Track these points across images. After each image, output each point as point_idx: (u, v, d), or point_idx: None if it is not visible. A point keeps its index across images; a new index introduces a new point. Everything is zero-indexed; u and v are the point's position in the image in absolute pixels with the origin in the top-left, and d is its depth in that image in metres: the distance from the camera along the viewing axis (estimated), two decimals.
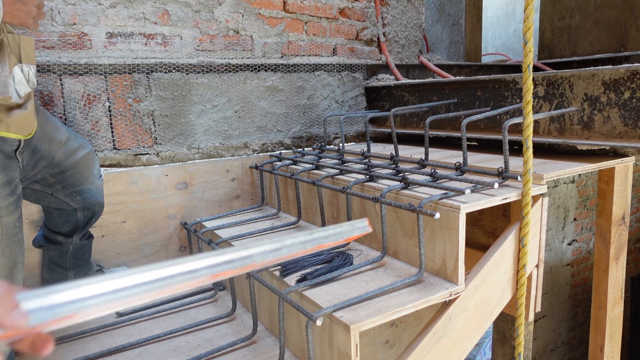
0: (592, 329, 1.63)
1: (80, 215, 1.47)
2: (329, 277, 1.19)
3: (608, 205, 1.51)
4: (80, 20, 1.68)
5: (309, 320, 1.01)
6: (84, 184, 1.45)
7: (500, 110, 1.49)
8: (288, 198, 1.86)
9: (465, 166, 1.40)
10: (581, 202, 3.41)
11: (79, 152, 1.41)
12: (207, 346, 1.31)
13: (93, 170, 1.48)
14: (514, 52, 5.74)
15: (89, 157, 1.45)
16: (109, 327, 1.44)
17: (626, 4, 2.84)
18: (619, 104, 1.35)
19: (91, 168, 1.47)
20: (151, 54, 1.83)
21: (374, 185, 1.41)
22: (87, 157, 1.44)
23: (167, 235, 1.86)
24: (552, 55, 3.32)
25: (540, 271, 1.34)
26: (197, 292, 1.66)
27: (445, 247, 1.16)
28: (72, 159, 1.39)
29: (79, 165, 1.42)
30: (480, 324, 1.22)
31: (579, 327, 3.66)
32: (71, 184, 1.41)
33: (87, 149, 1.45)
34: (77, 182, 1.43)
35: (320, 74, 2.26)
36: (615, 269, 1.55)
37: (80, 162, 1.42)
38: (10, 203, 1.04)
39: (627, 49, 2.86)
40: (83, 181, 1.44)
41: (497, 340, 2.32)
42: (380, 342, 1.39)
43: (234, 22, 2.00)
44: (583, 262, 3.57)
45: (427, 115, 2.04)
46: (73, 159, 1.39)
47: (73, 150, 1.39)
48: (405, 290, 1.12)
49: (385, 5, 2.48)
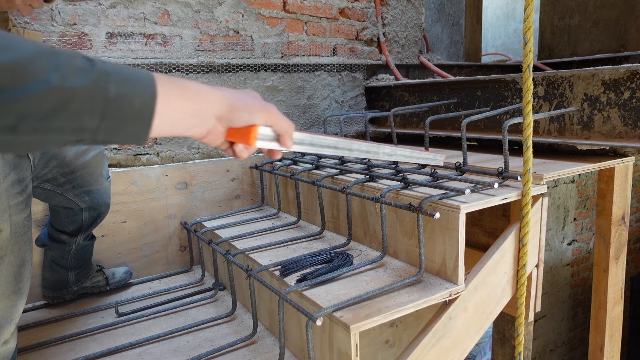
0: (592, 328, 1.63)
1: (86, 215, 1.48)
2: (329, 277, 1.19)
3: (608, 205, 1.51)
4: (80, 20, 1.68)
5: (309, 320, 1.01)
6: (93, 185, 1.45)
7: (500, 110, 1.49)
8: (288, 198, 1.86)
9: (465, 166, 1.40)
10: (581, 202, 3.42)
11: (90, 152, 1.42)
12: (207, 346, 1.31)
13: (102, 171, 1.49)
14: (514, 52, 5.74)
15: (98, 158, 1.46)
16: (109, 327, 1.44)
17: (626, 4, 2.84)
18: (618, 104, 1.35)
19: (100, 169, 1.48)
20: (151, 54, 1.83)
21: (374, 185, 1.41)
22: (97, 157, 1.45)
23: (167, 235, 1.86)
24: (552, 55, 3.32)
25: (540, 271, 1.35)
26: (197, 292, 1.66)
27: (445, 247, 1.16)
28: (83, 159, 1.40)
29: (89, 166, 1.42)
30: (480, 324, 1.22)
31: (579, 327, 3.66)
32: (81, 184, 1.42)
33: (97, 149, 1.45)
34: (87, 183, 1.43)
35: (320, 74, 2.26)
36: (615, 268, 1.55)
37: (90, 163, 1.42)
38: (19, 202, 1.04)
39: (627, 49, 2.86)
40: (92, 182, 1.45)
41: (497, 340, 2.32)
42: (380, 342, 1.39)
43: (234, 22, 2.00)
44: (583, 262, 3.57)
45: (427, 115, 2.04)
46: (83, 159, 1.40)
47: (83, 151, 1.40)
48: (405, 290, 1.12)
49: (385, 5, 2.48)
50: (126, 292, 1.70)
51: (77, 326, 1.46)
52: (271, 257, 1.40)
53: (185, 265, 1.92)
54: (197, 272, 1.86)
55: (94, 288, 1.65)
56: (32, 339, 1.39)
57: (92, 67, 0.44)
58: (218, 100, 0.56)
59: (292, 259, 1.31)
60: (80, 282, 1.61)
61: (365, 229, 1.45)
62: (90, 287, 1.64)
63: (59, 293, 1.59)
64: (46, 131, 0.43)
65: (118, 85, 0.45)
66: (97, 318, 1.51)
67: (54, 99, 0.42)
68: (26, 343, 1.36)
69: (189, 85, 0.53)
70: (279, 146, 0.64)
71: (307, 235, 1.57)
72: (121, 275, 1.70)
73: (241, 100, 0.58)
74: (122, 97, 0.45)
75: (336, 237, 1.55)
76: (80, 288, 1.62)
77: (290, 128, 0.63)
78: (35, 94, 0.41)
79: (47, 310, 1.58)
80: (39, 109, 0.42)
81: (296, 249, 1.46)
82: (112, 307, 1.56)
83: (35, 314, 1.54)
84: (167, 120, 0.50)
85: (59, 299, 1.60)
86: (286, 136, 0.63)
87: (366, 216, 1.43)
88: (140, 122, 0.48)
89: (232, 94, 0.59)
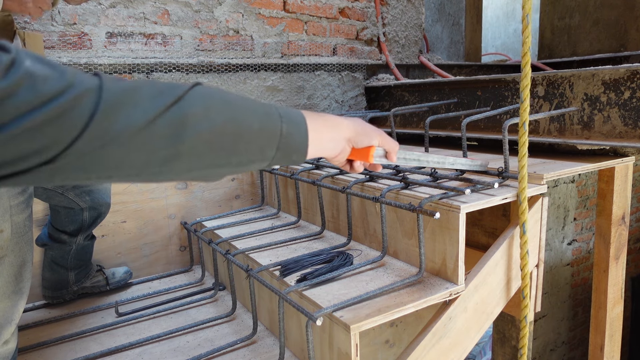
0: (592, 328, 1.63)
1: (86, 215, 1.48)
2: (329, 277, 1.19)
3: (608, 205, 1.51)
4: (80, 20, 1.68)
5: (309, 320, 1.01)
6: (94, 184, 1.45)
7: (500, 110, 1.49)
8: (288, 198, 1.86)
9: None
10: (581, 202, 3.41)
11: None
12: (207, 346, 1.31)
13: None
14: (514, 52, 5.74)
15: None
16: (109, 327, 1.44)
17: (626, 4, 2.84)
18: (619, 104, 1.35)
19: None
20: (151, 53, 1.83)
21: (374, 185, 1.41)
22: None
23: (167, 235, 1.86)
24: (552, 55, 3.32)
25: (540, 271, 1.34)
26: (197, 292, 1.66)
27: (445, 247, 1.16)
28: None
29: None
30: (480, 324, 1.22)
31: (579, 326, 3.66)
32: (81, 184, 1.42)
33: None
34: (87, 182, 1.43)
35: (320, 74, 2.26)
36: (615, 268, 1.55)
37: None
38: (20, 202, 1.04)
39: (627, 48, 2.86)
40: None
41: (497, 340, 2.32)
42: (380, 342, 1.39)
43: (234, 22, 2.00)
44: (583, 262, 3.57)
45: (427, 115, 2.04)
46: None
47: None
48: (405, 290, 1.12)
49: (385, 5, 2.48)
50: (126, 292, 1.70)
51: (77, 326, 1.46)
52: (271, 257, 1.40)
53: (185, 265, 1.92)
54: (197, 272, 1.86)
55: (94, 288, 1.65)
56: (32, 339, 1.39)
57: (272, 112, 0.59)
58: (347, 127, 0.73)
59: (292, 259, 1.31)
60: (80, 282, 1.61)
61: (365, 229, 1.45)
62: (90, 287, 1.64)
63: (59, 293, 1.59)
64: (245, 164, 0.57)
65: (288, 125, 0.60)
66: (97, 318, 1.51)
67: (254, 138, 0.57)
68: (26, 343, 1.36)
69: (327, 117, 0.70)
70: (387, 162, 0.82)
71: (307, 235, 1.57)
72: (121, 275, 1.70)
73: (361, 127, 0.75)
74: (289, 134, 0.60)
75: (336, 237, 1.55)
76: (80, 288, 1.62)
77: (396, 146, 0.81)
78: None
79: (47, 310, 1.58)
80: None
81: (296, 249, 1.46)
82: (112, 307, 1.56)
83: (35, 314, 1.54)
84: (315, 147, 0.66)
85: (59, 298, 1.60)
86: (392, 153, 0.81)
87: (366, 216, 1.43)
88: (300, 152, 0.63)
89: (355, 122, 0.75)
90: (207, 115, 0.51)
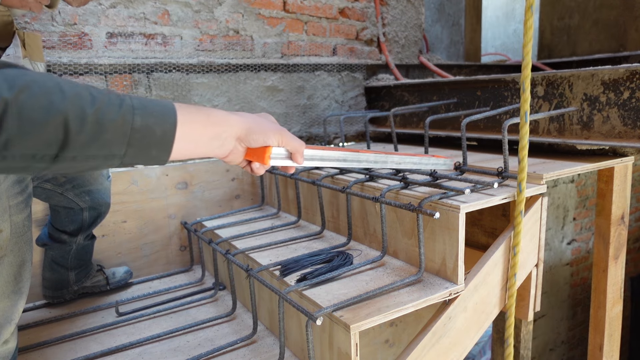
0: (591, 328, 1.64)
1: (86, 214, 1.48)
2: (328, 277, 1.19)
3: (607, 205, 1.51)
4: (80, 20, 1.68)
5: (309, 320, 1.01)
6: (93, 184, 1.46)
7: (500, 110, 1.49)
8: (288, 198, 1.86)
9: (464, 166, 1.40)
10: (580, 202, 3.42)
11: None
12: (207, 346, 1.32)
13: (102, 170, 1.49)
14: (514, 52, 5.74)
15: None
16: (109, 327, 1.44)
17: (625, 4, 2.85)
18: (618, 104, 1.35)
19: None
20: (151, 53, 1.83)
21: (373, 185, 1.41)
22: None
23: (167, 235, 1.87)
24: (551, 55, 3.33)
25: (540, 271, 1.35)
26: (197, 291, 1.66)
27: (445, 246, 1.16)
28: None
29: None
30: (480, 324, 1.22)
31: (578, 326, 3.67)
32: (81, 183, 1.43)
33: None
34: (87, 182, 1.44)
35: (320, 74, 2.27)
36: (614, 268, 1.55)
37: None
38: (20, 202, 1.05)
39: (626, 49, 2.87)
40: (92, 181, 1.46)
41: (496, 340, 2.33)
42: (380, 341, 1.40)
43: (234, 22, 2.00)
44: (582, 262, 3.57)
45: (427, 115, 2.04)
46: None
47: None
48: (405, 290, 1.12)
49: (385, 5, 2.48)
50: (126, 292, 1.70)
51: (77, 326, 1.46)
52: (271, 257, 1.40)
53: (186, 265, 1.92)
54: (197, 271, 1.87)
55: (94, 288, 1.65)
56: (33, 338, 1.39)
57: (122, 103, 0.53)
58: (237, 124, 0.65)
59: (292, 259, 1.31)
60: (80, 281, 1.61)
61: (365, 229, 1.45)
62: (90, 286, 1.64)
63: (59, 293, 1.59)
64: (82, 159, 0.51)
65: (142, 117, 0.54)
66: (97, 318, 1.51)
67: (90, 131, 0.50)
68: (26, 343, 1.36)
69: (211, 112, 0.62)
70: (292, 163, 0.74)
71: (307, 235, 1.57)
72: (121, 275, 1.70)
73: (257, 124, 0.67)
74: (145, 127, 0.54)
75: (336, 237, 1.55)
76: (81, 288, 1.62)
77: (301, 147, 0.72)
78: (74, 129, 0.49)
79: (48, 309, 1.58)
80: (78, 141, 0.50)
81: (296, 249, 1.46)
82: (113, 307, 1.57)
83: (36, 314, 1.55)
84: (190, 144, 0.59)
85: (59, 298, 1.60)
86: (297, 154, 0.73)
87: (366, 216, 1.44)
88: (162, 148, 0.56)
89: (250, 118, 0.67)
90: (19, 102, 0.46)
